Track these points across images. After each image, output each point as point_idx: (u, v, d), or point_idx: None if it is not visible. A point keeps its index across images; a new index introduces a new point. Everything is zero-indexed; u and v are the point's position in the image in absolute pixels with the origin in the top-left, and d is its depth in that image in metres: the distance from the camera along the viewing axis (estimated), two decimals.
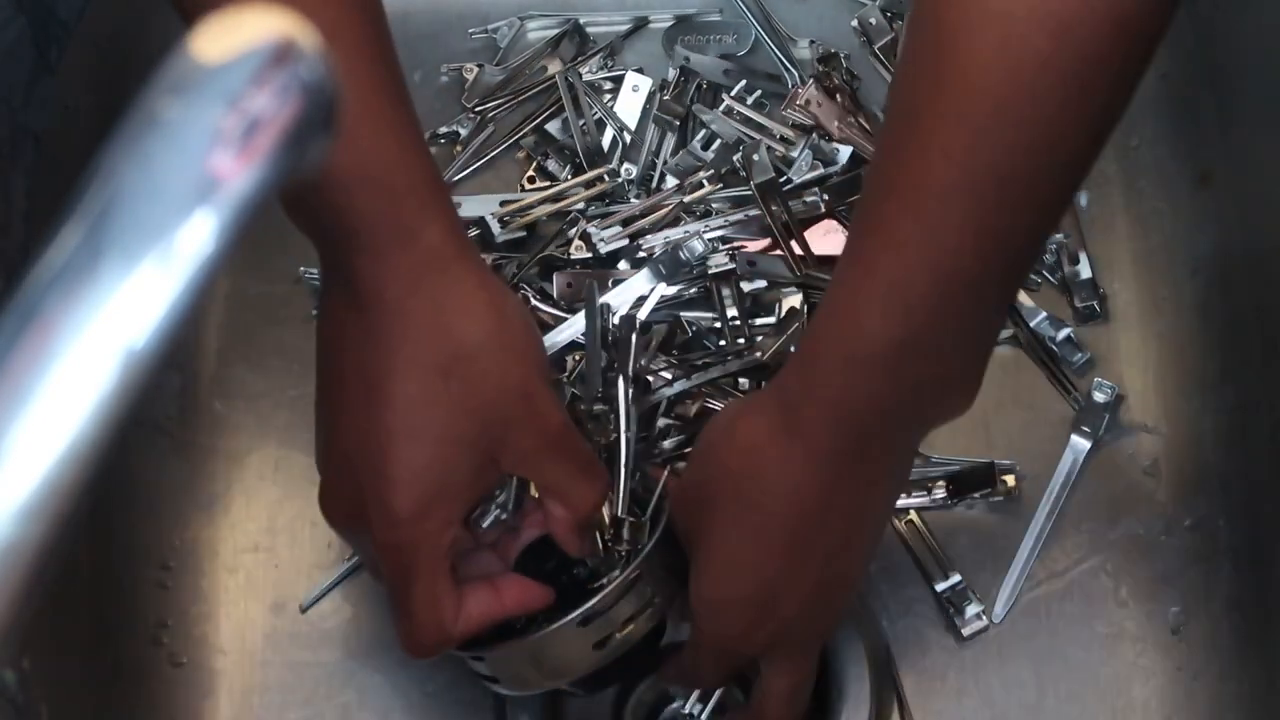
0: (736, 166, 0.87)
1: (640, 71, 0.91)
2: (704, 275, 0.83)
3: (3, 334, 0.28)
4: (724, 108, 0.89)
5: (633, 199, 0.87)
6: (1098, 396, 0.83)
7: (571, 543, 0.70)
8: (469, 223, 0.85)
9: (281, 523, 0.83)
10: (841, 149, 0.87)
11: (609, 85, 0.91)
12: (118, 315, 0.29)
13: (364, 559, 0.75)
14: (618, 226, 0.85)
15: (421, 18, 0.93)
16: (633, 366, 0.78)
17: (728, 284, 0.83)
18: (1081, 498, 0.83)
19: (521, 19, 0.94)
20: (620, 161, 0.88)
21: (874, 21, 0.92)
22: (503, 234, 0.86)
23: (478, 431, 0.65)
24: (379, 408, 0.64)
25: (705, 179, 0.87)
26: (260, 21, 0.30)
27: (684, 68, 0.91)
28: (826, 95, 0.88)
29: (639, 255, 0.85)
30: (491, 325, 0.65)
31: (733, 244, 0.85)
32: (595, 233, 0.85)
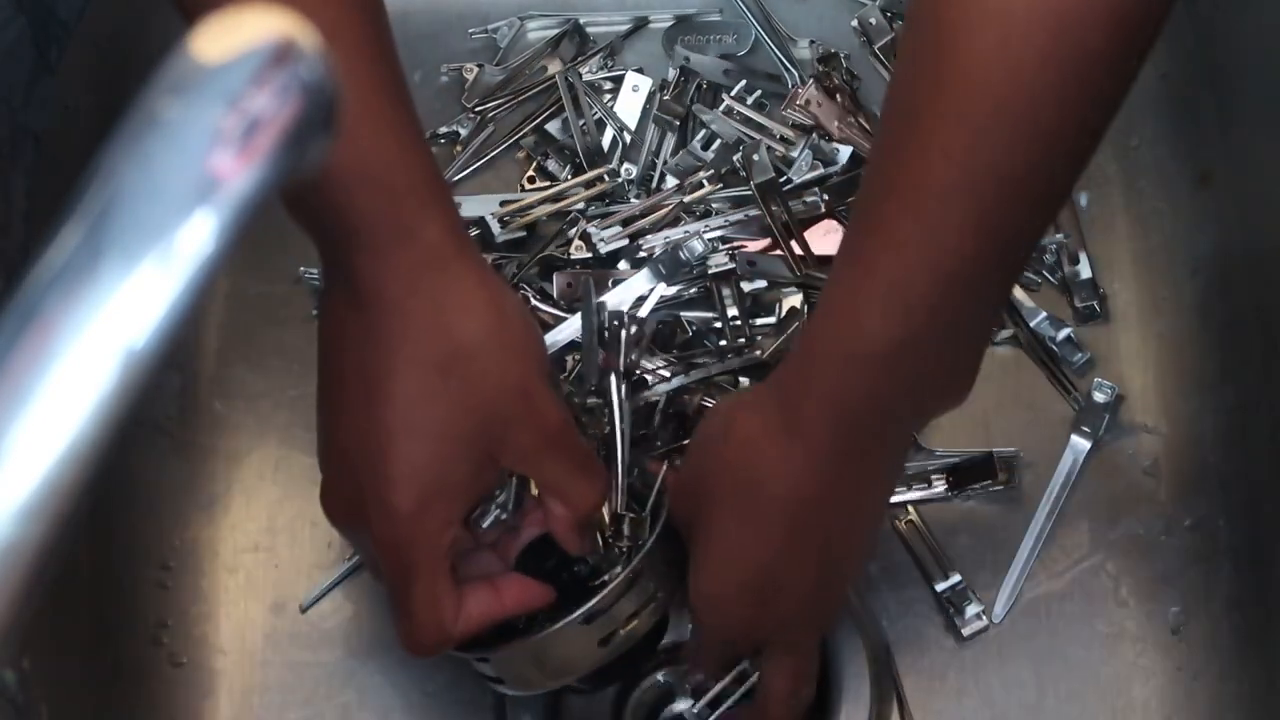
0: (736, 166, 0.87)
1: (640, 71, 0.91)
2: (704, 275, 0.83)
3: (3, 334, 0.29)
4: (724, 108, 0.89)
5: (633, 199, 0.87)
6: (1098, 396, 0.83)
7: (572, 541, 0.70)
8: (469, 223, 0.85)
9: (281, 523, 0.83)
10: (841, 149, 0.87)
11: (609, 85, 0.91)
12: (118, 315, 0.29)
13: (364, 558, 0.75)
14: (618, 226, 0.85)
15: (421, 18, 0.93)
16: (624, 362, 0.78)
17: (728, 284, 0.83)
18: (1081, 498, 0.83)
19: (521, 19, 0.94)
20: (620, 161, 0.88)
21: (874, 21, 0.92)
22: (503, 234, 0.86)
23: (477, 429, 0.65)
24: (379, 406, 0.64)
25: (705, 179, 0.87)
26: (260, 21, 0.30)
27: (684, 68, 0.91)
28: (826, 95, 0.88)
29: (639, 255, 0.85)
30: (491, 324, 0.65)
31: (733, 244, 0.85)
32: (595, 233, 0.85)
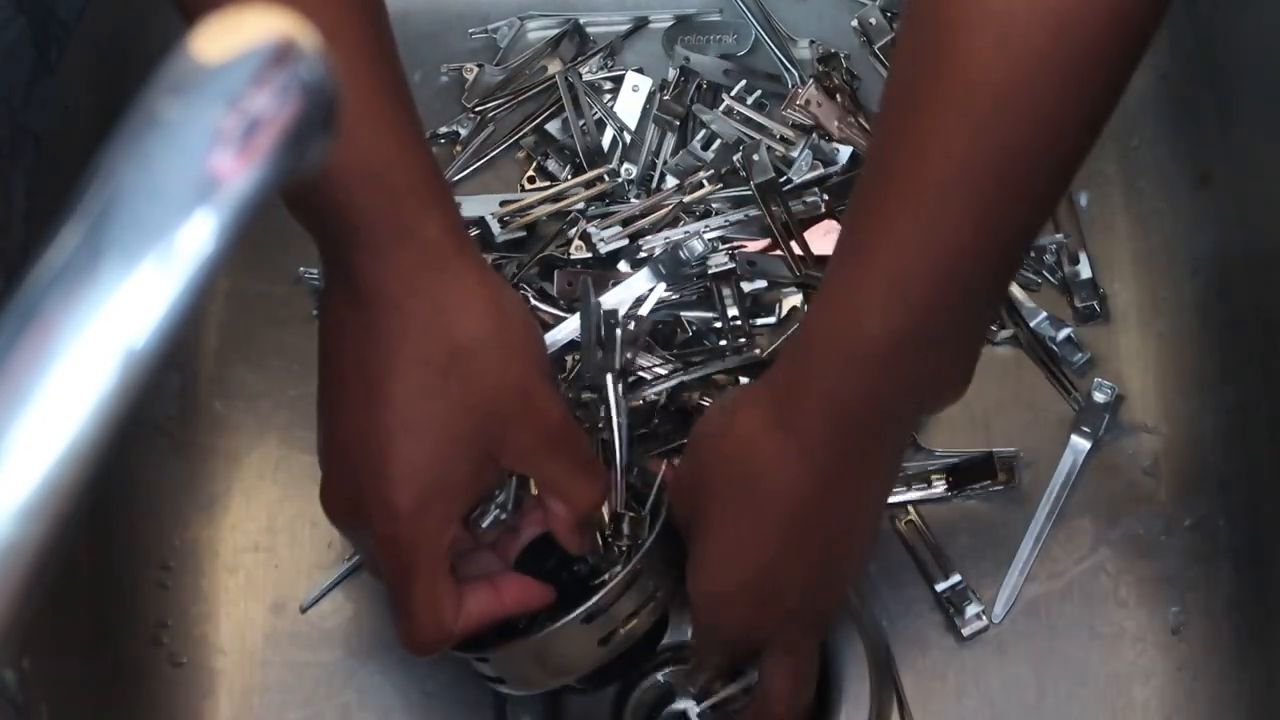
0: (736, 166, 0.87)
1: (640, 71, 0.91)
2: (704, 275, 0.83)
3: (3, 334, 0.28)
4: (724, 108, 0.89)
5: (633, 199, 0.87)
6: (1098, 396, 0.83)
7: (572, 540, 0.70)
8: (469, 223, 0.85)
9: (281, 523, 0.83)
10: (841, 149, 0.87)
11: (609, 85, 0.91)
12: (118, 315, 0.29)
13: (364, 556, 0.76)
14: (618, 226, 0.85)
15: (421, 18, 0.93)
16: (619, 360, 0.78)
17: (728, 284, 0.83)
18: (1081, 498, 0.83)
19: (521, 19, 0.94)
20: (620, 161, 0.88)
21: (874, 21, 0.92)
22: (503, 234, 0.86)
23: (477, 428, 0.65)
24: (379, 405, 0.64)
25: (705, 179, 0.87)
26: (260, 21, 0.30)
27: (684, 68, 0.91)
28: (826, 95, 0.88)
29: (639, 255, 0.85)
30: (491, 322, 0.65)
31: (733, 244, 0.85)
32: (595, 233, 0.85)
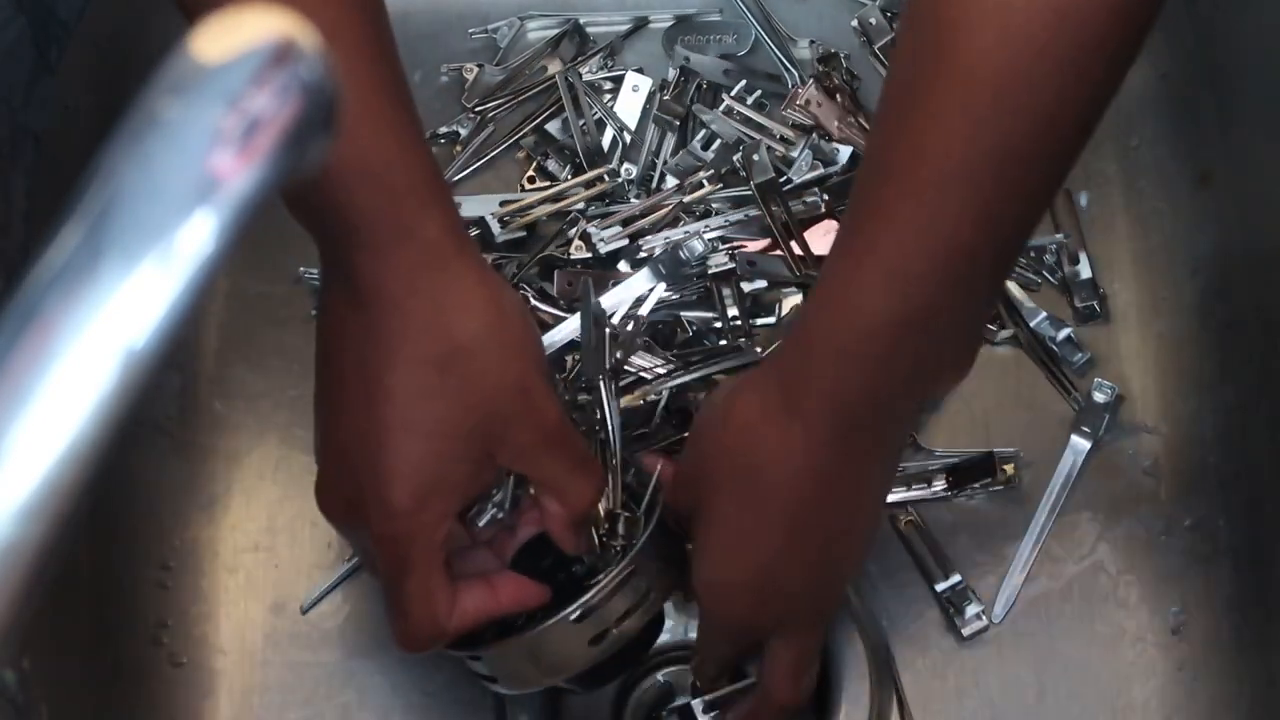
0: (736, 166, 0.87)
1: (640, 71, 0.91)
2: (704, 275, 0.83)
3: (3, 334, 0.28)
4: (724, 108, 0.89)
5: (633, 199, 0.87)
6: (1098, 396, 0.83)
7: (567, 540, 0.71)
8: (469, 223, 0.85)
9: (281, 523, 0.83)
10: (841, 149, 0.87)
11: (609, 85, 0.91)
12: (118, 315, 0.29)
13: (359, 553, 0.76)
14: (618, 226, 0.85)
15: (421, 18, 0.93)
16: (609, 360, 0.78)
17: (728, 284, 0.83)
18: (1081, 498, 0.83)
19: (521, 19, 0.93)
20: (620, 161, 0.88)
21: (874, 21, 0.92)
22: (503, 234, 0.86)
23: (476, 427, 0.65)
24: (377, 403, 0.64)
25: (705, 179, 0.87)
26: (260, 21, 0.30)
27: (684, 68, 0.91)
28: (826, 95, 0.88)
29: (639, 255, 0.85)
30: (490, 322, 0.65)
31: (733, 244, 0.85)
32: (595, 233, 0.85)
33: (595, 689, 0.75)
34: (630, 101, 0.90)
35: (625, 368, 0.80)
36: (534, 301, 0.83)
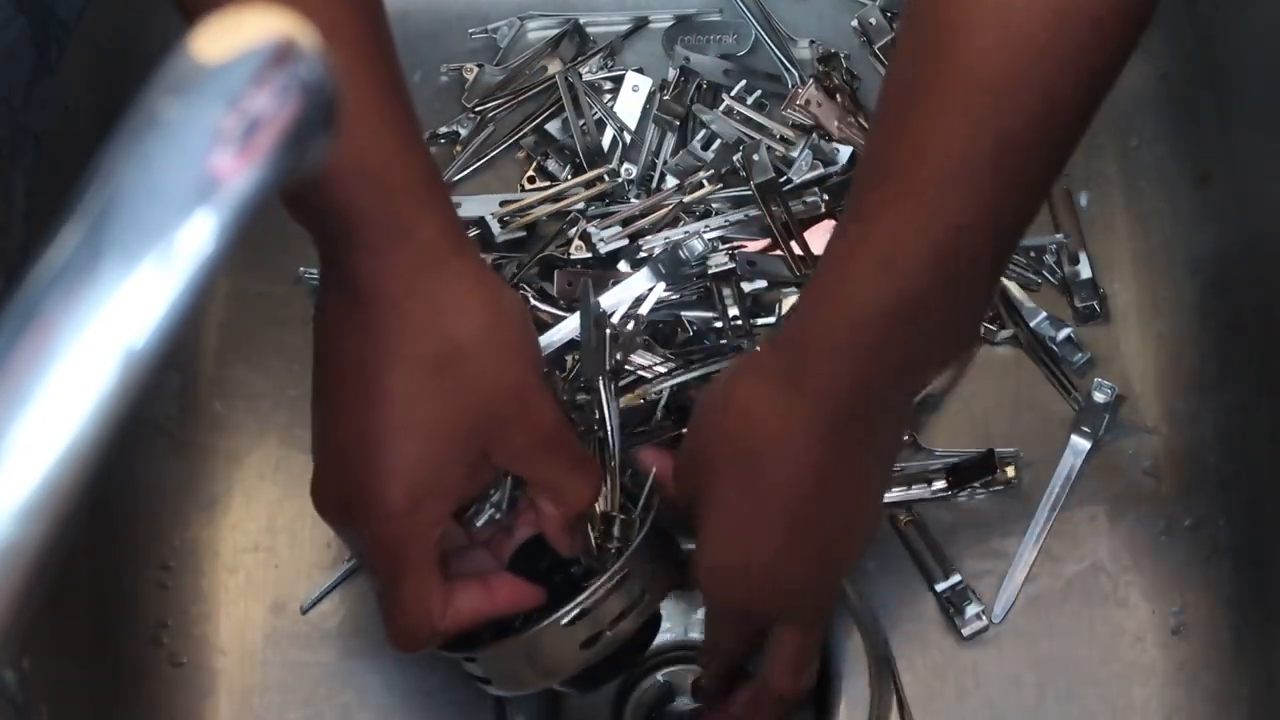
0: (736, 166, 0.87)
1: (640, 71, 0.91)
2: (704, 275, 0.83)
3: (3, 334, 0.28)
4: (724, 108, 0.89)
5: (633, 199, 0.87)
6: (1098, 396, 0.83)
7: (563, 541, 0.71)
8: (469, 223, 0.85)
9: (281, 523, 0.83)
10: (841, 149, 0.87)
11: (609, 85, 0.91)
12: (118, 315, 0.29)
13: (354, 552, 0.76)
14: (618, 226, 0.85)
15: (421, 18, 0.93)
16: (609, 361, 0.78)
17: (728, 284, 0.83)
18: (1081, 498, 0.83)
19: (521, 19, 0.93)
20: (620, 161, 0.88)
21: (874, 21, 0.92)
22: (503, 234, 0.86)
23: (471, 427, 0.65)
24: (374, 404, 0.64)
25: (705, 179, 0.87)
26: (260, 21, 0.30)
27: (684, 68, 0.91)
28: (826, 95, 0.88)
29: (639, 255, 0.85)
30: (487, 323, 0.65)
31: (733, 244, 0.85)
32: (595, 233, 0.85)
33: (591, 691, 0.75)
34: (630, 101, 0.90)
35: (625, 367, 0.80)
36: (534, 301, 0.83)
